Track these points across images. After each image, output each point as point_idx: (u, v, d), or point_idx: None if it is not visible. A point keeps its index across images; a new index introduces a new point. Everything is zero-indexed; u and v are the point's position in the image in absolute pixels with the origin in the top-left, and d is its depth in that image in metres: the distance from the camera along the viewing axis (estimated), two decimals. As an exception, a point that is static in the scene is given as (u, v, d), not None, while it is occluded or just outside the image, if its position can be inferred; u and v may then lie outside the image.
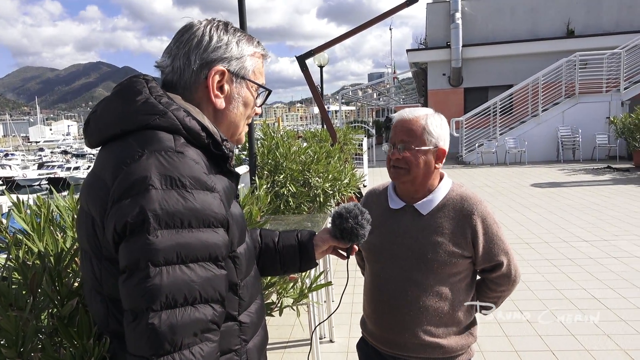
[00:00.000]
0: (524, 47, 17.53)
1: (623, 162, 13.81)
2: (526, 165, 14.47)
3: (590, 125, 14.99)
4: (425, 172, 1.63)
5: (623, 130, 13.21)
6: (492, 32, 18.33)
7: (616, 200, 8.56)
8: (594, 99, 15.13)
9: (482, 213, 1.62)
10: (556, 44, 17.14)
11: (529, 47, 17.47)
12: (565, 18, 17.68)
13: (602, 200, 8.57)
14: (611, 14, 17.47)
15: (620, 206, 8.02)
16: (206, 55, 1.06)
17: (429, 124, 1.61)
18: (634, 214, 7.37)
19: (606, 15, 17.49)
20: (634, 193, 9.15)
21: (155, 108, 0.98)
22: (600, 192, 9.38)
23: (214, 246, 0.92)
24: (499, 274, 1.67)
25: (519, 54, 17.56)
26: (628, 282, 4.58)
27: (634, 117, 12.80)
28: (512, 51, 17.62)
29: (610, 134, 14.68)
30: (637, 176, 11.30)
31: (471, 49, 17.92)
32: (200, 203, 0.91)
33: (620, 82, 14.92)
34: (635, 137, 12.70)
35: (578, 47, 16.33)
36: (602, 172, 12.18)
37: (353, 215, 1.36)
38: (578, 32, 17.53)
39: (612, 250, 5.64)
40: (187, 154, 0.95)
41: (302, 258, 1.39)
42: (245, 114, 1.15)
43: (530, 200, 8.93)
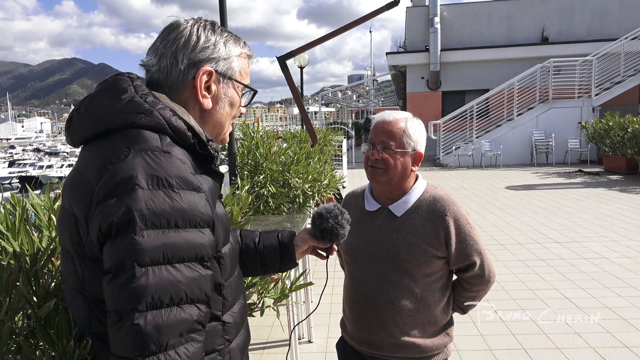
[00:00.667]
0: (500, 52, 17.86)
1: (594, 166, 14.20)
2: (501, 168, 14.75)
3: (563, 129, 15.38)
4: (402, 174, 1.65)
5: (594, 135, 13.60)
6: (470, 37, 18.63)
7: (587, 203, 8.80)
8: (566, 104, 15.53)
9: (454, 213, 1.64)
10: (531, 50, 17.52)
11: (505, 52, 17.81)
12: (540, 25, 18.09)
13: (574, 203, 8.79)
14: (583, 22, 17.95)
15: (590, 209, 8.25)
16: (194, 55, 1.05)
17: (408, 127, 1.64)
18: (604, 217, 7.59)
19: (579, 23, 17.97)
20: (603, 196, 9.42)
21: (140, 107, 0.97)
22: (572, 195, 9.63)
23: (200, 246, 0.91)
24: (472, 274, 1.70)
25: (495, 59, 17.89)
26: (598, 282, 4.71)
27: (604, 122, 13.20)
28: (489, 56, 17.94)
29: (581, 139, 15.09)
30: (606, 180, 11.64)
31: (449, 53, 18.17)
32: (187, 203, 0.90)
33: (592, 88, 15.35)
34: (605, 142, 13.08)
35: (552, 53, 16.73)
36: (574, 176, 12.50)
37: (333, 215, 1.37)
38: (552, 39, 17.96)
39: (583, 251, 5.80)
40: (173, 153, 0.95)
41: (282, 258, 1.39)
42: (231, 114, 1.15)
43: (505, 203, 9.10)
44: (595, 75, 15.34)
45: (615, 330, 3.67)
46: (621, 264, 5.26)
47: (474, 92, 17.92)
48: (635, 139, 11.70)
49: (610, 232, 6.61)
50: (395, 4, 7.56)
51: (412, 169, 1.67)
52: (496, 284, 4.72)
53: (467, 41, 18.55)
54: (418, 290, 1.63)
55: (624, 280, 4.76)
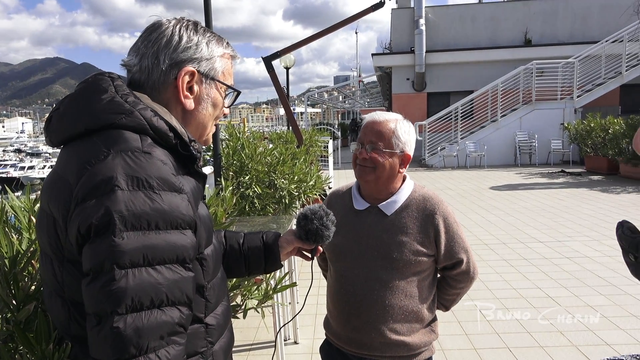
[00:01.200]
0: (484, 54, 18.07)
1: (576, 167, 14.44)
2: (485, 169, 14.91)
3: (546, 130, 15.60)
4: (389, 175, 1.66)
5: (576, 136, 13.83)
6: (455, 39, 18.80)
7: (569, 203, 8.93)
8: (549, 105, 15.76)
9: (443, 212, 1.67)
10: (514, 52, 17.75)
11: (489, 54, 18.02)
12: (523, 28, 18.33)
13: (556, 203, 8.92)
14: (565, 25, 18.25)
15: (573, 209, 8.37)
16: (176, 55, 1.04)
17: (398, 128, 1.65)
18: (586, 216, 7.72)
19: (561, 26, 18.26)
20: (585, 196, 9.58)
21: (121, 107, 0.96)
22: (555, 195, 9.77)
23: (181, 248, 0.90)
24: (459, 271, 1.73)
25: (479, 60, 18.09)
26: (580, 281, 4.78)
27: (585, 124, 13.42)
28: (473, 58, 18.13)
29: (564, 140, 15.32)
30: (588, 180, 11.84)
31: (434, 54, 18.32)
32: (168, 204, 0.90)
33: (574, 90, 15.60)
34: (586, 143, 13.31)
35: (535, 55, 16.97)
36: (557, 176, 12.69)
37: (318, 216, 1.36)
38: (535, 41, 18.22)
39: (566, 250, 5.88)
40: (154, 154, 0.94)
41: (267, 260, 1.39)
42: (213, 114, 1.14)
43: (489, 203, 9.20)
44: (577, 77, 15.60)
45: (597, 328, 3.73)
46: (602, 262, 5.35)
47: (458, 94, 18.09)
48: (615, 140, 11.92)
49: (591, 232, 6.72)
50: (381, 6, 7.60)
51: (400, 171, 1.68)
52: (480, 283, 4.77)
53: (452, 43, 18.73)
54: (408, 288, 1.65)
55: (605, 278, 4.84)
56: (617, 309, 4.10)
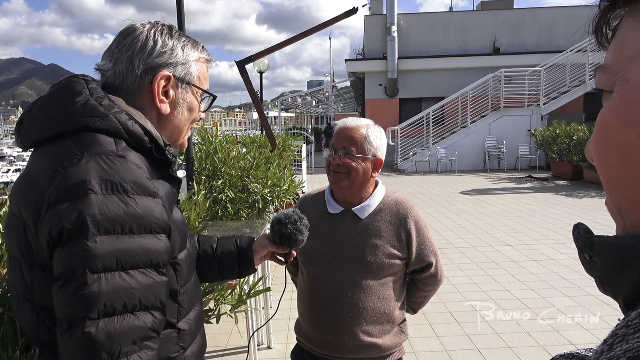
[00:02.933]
0: (455, 61, 18.44)
1: (542, 172, 14.86)
2: (456, 174, 15.19)
3: (514, 137, 16.01)
4: (363, 179, 1.69)
5: (542, 142, 14.23)
6: (426, 46, 19.13)
7: (536, 207, 9.19)
8: (517, 112, 16.19)
9: (415, 217, 1.72)
10: (483, 60, 18.18)
11: (459, 61, 18.41)
12: (492, 36, 18.81)
13: (524, 207, 9.16)
14: (532, 35, 18.81)
15: (539, 213, 8.61)
16: (150, 60, 1.04)
17: (369, 134, 1.68)
18: (552, 220, 7.95)
19: (528, 36, 18.82)
20: (551, 201, 9.87)
21: (95, 110, 0.96)
22: (522, 200, 10.03)
23: (155, 252, 0.90)
24: (427, 274, 1.76)
25: (450, 67, 18.45)
26: (546, 283, 4.93)
27: (551, 130, 13.84)
28: (444, 65, 18.48)
29: (531, 146, 15.74)
30: (554, 185, 12.20)
31: (406, 61, 18.59)
32: (142, 209, 0.89)
33: (540, 97, 16.07)
34: (552, 149, 13.71)
35: (503, 63, 17.41)
36: (524, 181, 13.03)
37: (292, 221, 1.37)
38: (503, 49, 18.72)
39: (532, 253, 6.05)
40: (128, 158, 0.93)
41: (241, 264, 1.39)
42: (189, 119, 1.14)
43: (459, 207, 9.38)
44: (543, 85, 16.08)
45: (562, 329, 3.85)
46: (568, 265, 5.52)
47: (430, 100, 18.39)
48: (580, 146, 12.32)
49: (557, 235, 6.93)
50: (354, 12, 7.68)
51: (373, 175, 1.71)
52: (450, 286, 4.86)
53: (423, 50, 19.05)
54: (381, 290, 1.67)
55: (571, 280, 5.00)
56: (582, 309, 4.23)
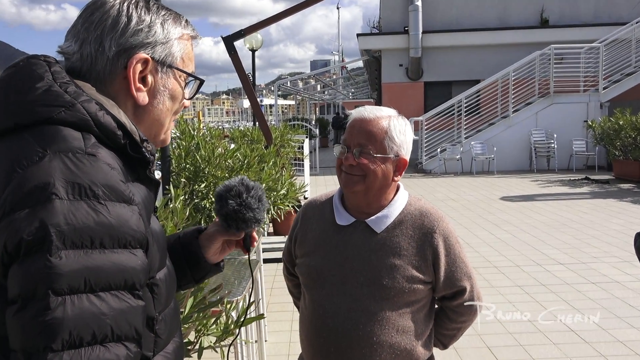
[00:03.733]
0: (493, 36, 18.42)
1: (602, 173, 14.79)
2: (495, 175, 15.18)
3: (567, 129, 15.95)
4: (382, 184, 1.68)
5: (602, 136, 14.11)
6: (457, 18, 19.13)
7: (595, 216, 9.15)
8: (570, 99, 16.15)
9: (444, 231, 1.70)
10: (528, 35, 18.16)
11: (498, 36, 18.39)
12: (538, 5, 18.79)
13: (580, 217, 9.13)
14: (588, 3, 18.77)
15: (599, 224, 8.58)
16: (124, 40, 1.05)
17: (392, 128, 1.67)
18: (615, 233, 7.91)
19: (584, 4, 18.77)
20: (614, 208, 9.83)
21: (60, 98, 0.96)
22: (578, 208, 10.00)
23: (130, 271, 0.90)
24: (460, 302, 1.75)
25: (487, 44, 18.43)
26: (609, 312, 4.89)
27: (613, 121, 13.68)
28: (479, 41, 18.46)
29: (588, 141, 15.69)
30: (617, 189, 12.15)
31: (432, 36, 18.59)
32: (116, 218, 0.90)
33: (599, 80, 16.01)
34: (615, 145, 13.58)
35: (553, 38, 17.38)
36: (580, 184, 12.99)
37: (235, 193, 1.30)
38: (552, 21, 18.69)
39: (591, 274, 6.01)
40: (100, 156, 0.94)
41: (190, 264, 1.37)
42: (172, 109, 1.15)
43: (499, 217, 9.36)
44: (602, 66, 16.01)
45: (628, 368, 3.82)
46: (635, 289, 5.49)
47: (462, 84, 18.36)
48: (649, 141, 12.24)
49: (621, 252, 6.89)
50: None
51: (394, 179, 1.70)
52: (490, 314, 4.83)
53: (453, 22, 19.05)
54: (400, 322, 1.66)
55: (639, 308, 4.96)
56: (652, 344, 4.20)
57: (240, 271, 3.53)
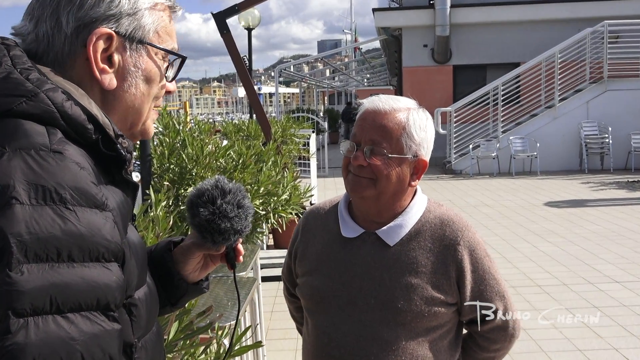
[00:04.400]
0: (535, 10, 18.35)
1: (667, 173, 14.69)
2: (538, 176, 15.13)
3: (624, 121, 15.82)
4: (396, 190, 1.68)
5: (666, 130, 14.05)
6: (492, -12, 19.08)
7: (658, 225, 9.10)
8: (628, 85, 16.05)
9: (469, 242, 1.70)
10: (578, 8, 18.05)
11: (542, 10, 18.31)
12: (590, -27, 18.69)
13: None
14: (650, -30, 18.64)
15: (663, 234, 8.53)
16: (83, 13, 1.05)
17: (411, 122, 1.66)
18: (681, 245, 7.87)
19: (644, -29, 18.65)
20: (680, 216, 9.77)
21: (20, 87, 0.97)
22: (638, 215, 9.94)
23: (104, 288, 0.91)
24: (492, 326, 1.75)
25: (528, 20, 18.36)
26: (673, 339, 4.86)
27: (680, 111, 13.63)
28: (519, 16, 18.40)
29: (650, 134, 15.58)
30: (684, 193, 12.07)
31: (463, 10, 18.55)
32: (86, 226, 0.90)
33: (663, 63, 15.89)
34: (682, 139, 13.52)
35: (606, 13, 17.25)
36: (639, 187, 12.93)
37: (207, 199, 1.27)
38: (607, -8, 18.58)
39: (653, 294, 5.98)
40: (67, 154, 0.94)
41: (163, 283, 1.36)
42: (149, 93, 1.15)
43: (543, 226, 9.32)
44: (667, 45, 15.91)
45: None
46: None
47: (498, 67, 18.31)
48: None
49: (690, 267, 6.85)
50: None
51: (412, 184, 1.70)
52: (530, 342, 4.81)
53: (488, -6, 18.99)
54: (419, 351, 1.66)
55: None
56: None
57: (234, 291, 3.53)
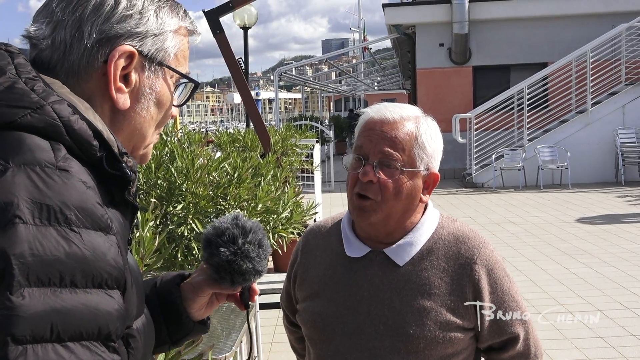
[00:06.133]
0: (564, 4, 18.32)
1: None
2: (569, 190, 15.08)
3: (665, 127, 15.81)
4: (406, 207, 1.70)
5: None
6: (516, -20, 19.12)
7: (703, 243, 9.07)
8: (668, 87, 16.02)
9: (487, 260, 1.71)
10: (611, 1, 18.03)
11: (572, 4, 18.30)
12: (624, -38, 18.74)
13: (683, 244, 9.05)
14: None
15: None
16: (108, 26, 1.08)
17: (422, 132, 1.68)
18: None
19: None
20: None
21: (25, 98, 0.99)
22: (680, 232, 9.90)
23: (106, 317, 0.92)
24: (512, 354, 1.76)
25: (556, 15, 18.35)
26: None
27: None
28: (546, 11, 18.38)
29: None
30: None
31: (483, 5, 18.55)
32: (91, 249, 0.92)
33: None
34: None
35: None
36: (683, 201, 12.87)
37: (227, 239, 1.31)
38: (644, -16, 18.62)
39: (698, 321, 5.96)
40: (73, 172, 0.96)
41: (168, 320, 1.38)
42: (156, 117, 1.18)
43: (575, 245, 9.30)
44: None
45: None
46: None
47: (523, 68, 18.32)
48: None
49: None
50: None
51: (422, 199, 1.72)
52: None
53: (511, -13, 19.03)
54: None
55: None
56: None
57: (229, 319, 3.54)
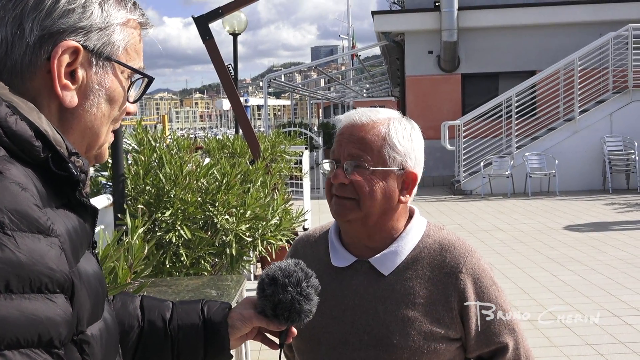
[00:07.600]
0: (552, 13, 18.47)
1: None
2: (557, 197, 15.16)
3: (651, 135, 15.90)
4: (385, 208, 1.69)
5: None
6: (504, -12, 19.24)
7: (691, 251, 9.11)
8: (655, 95, 16.12)
9: (473, 269, 1.70)
10: (598, 11, 18.19)
11: (560, 13, 18.43)
12: (611, -28, 18.87)
13: (671, 252, 9.09)
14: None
15: (696, 260, 8.54)
16: (50, 22, 1.06)
17: (392, 132, 1.68)
18: None
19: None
20: None
21: None
22: (668, 239, 9.96)
23: (46, 323, 0.90)
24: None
25: (544, 23, 18.48)
26: None
27: None
28: (535, 19, 18.52)
29: (680, 150, 15.65)
30: None
31: (472, 13, 18.66)
32: (27, 253, 0.90)
33: (694, 70, 16.00)
34: None
35: (630, 16, 17.39)
36: (670, 208, 12.94)
37: (294, 280, 1.38)
38: (631, -7, 18.75)
39: (686, 328, 5.97)
40: (8, 174, 0.95)
41: (208, 347, 1.39)
42: (109, 114, 1.16)
43: (563, 252, 9.33)
44: (697, 51, 16.02)
45: None
46: None
47: (512, 76, 18.41)
48: None
49: None
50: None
51: (401, 199, 1.71)
52: None
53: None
54: None
55: None
56: None
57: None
